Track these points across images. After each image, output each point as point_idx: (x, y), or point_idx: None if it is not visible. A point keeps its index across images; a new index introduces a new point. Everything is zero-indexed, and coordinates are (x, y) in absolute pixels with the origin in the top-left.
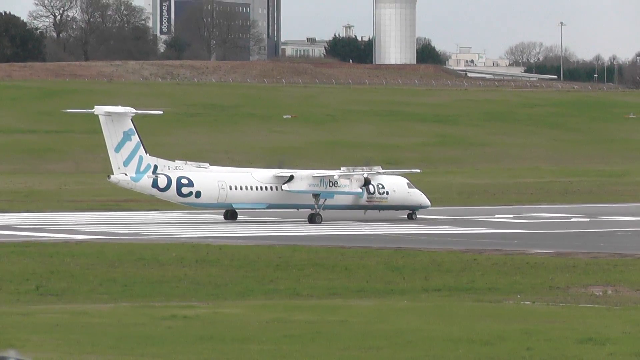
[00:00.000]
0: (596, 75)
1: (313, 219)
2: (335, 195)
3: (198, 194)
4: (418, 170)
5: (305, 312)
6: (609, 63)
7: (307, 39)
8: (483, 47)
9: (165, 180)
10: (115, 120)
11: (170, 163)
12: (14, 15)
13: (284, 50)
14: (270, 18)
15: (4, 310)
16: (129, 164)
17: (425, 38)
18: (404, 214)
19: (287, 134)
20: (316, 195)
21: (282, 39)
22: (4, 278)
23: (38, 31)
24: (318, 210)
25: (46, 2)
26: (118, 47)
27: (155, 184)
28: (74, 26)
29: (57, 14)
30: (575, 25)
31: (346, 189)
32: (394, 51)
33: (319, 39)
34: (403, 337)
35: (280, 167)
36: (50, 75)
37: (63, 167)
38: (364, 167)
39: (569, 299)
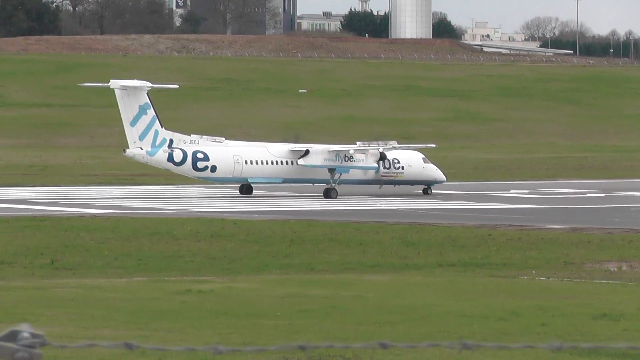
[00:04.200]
0: (612, 51)
1: (328, 194)
2: (350, 170)
3: (213, 169)
4: (433, 145)
5: (320, 287)
6: (625, 38)
7: (323, 13)
8: (499, 21)
9: (181, 155)
10: (130, 94)
11: (186, 137)
12: None
13: (299, 24)
14: None
15: (18, 284)
16: (145, 138)
17: (441, 12)
18: (419, 189)
19: (302, 108)
20: (332, 170)
21: (298, 13)
22: (19, 252)
23: (54, 5)
24: (333, 185)
25: None
26: (134, 20)
27: (170, 158)
28: None
29: None
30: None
31: (362, 164)
32: (410, 26)
33: (335, 13)
34: (417, 312)
35: (296, 142)
36: (66, 49)
37: (78, 141)
38: (380, 142)
39: (584, 274)
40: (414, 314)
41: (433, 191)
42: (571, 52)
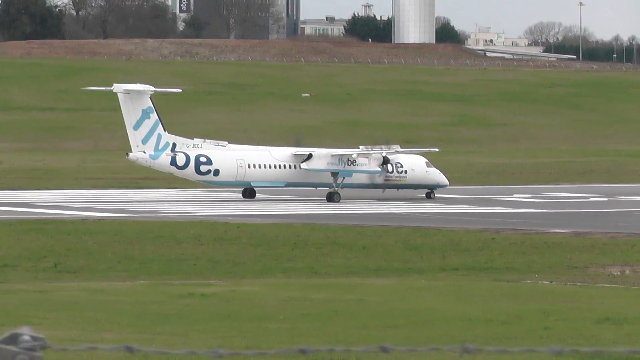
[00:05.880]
0: (615, 56)
1: (331, 198)
2: (353, 174)
3: (216, 172)
4: (436, 150)
5: (323, 291)
6: (628, 43)
7: (327, 17)
8: (502, 26)
9: (184, 158)
10: (134, 98)
11: (189, 141)
12: None
13: (303, 29)
14: None
15: (22, 287)
16: (148, 142)
17: (444, 17)
18: (422, 193)
19: (305, 113)
20: (334, 174)
21: (302, 18)
22: (22, 255)
23: (57, 9)
24: (336, 188)
25: None
26: (137, 25)
27: (173, 162)
28: (93, 4)
29: None
30: (595, 5)
31: (364, 168)
32: (413, 30)
33: (338, 18)
34: (420, 316)
35: (298, 145)
36: (69, 53)
37: (81, 145)
38: (383, 146)
39: (587, 278)
40: (417, 318)
41: (436, 195)
42: (574, 57)
